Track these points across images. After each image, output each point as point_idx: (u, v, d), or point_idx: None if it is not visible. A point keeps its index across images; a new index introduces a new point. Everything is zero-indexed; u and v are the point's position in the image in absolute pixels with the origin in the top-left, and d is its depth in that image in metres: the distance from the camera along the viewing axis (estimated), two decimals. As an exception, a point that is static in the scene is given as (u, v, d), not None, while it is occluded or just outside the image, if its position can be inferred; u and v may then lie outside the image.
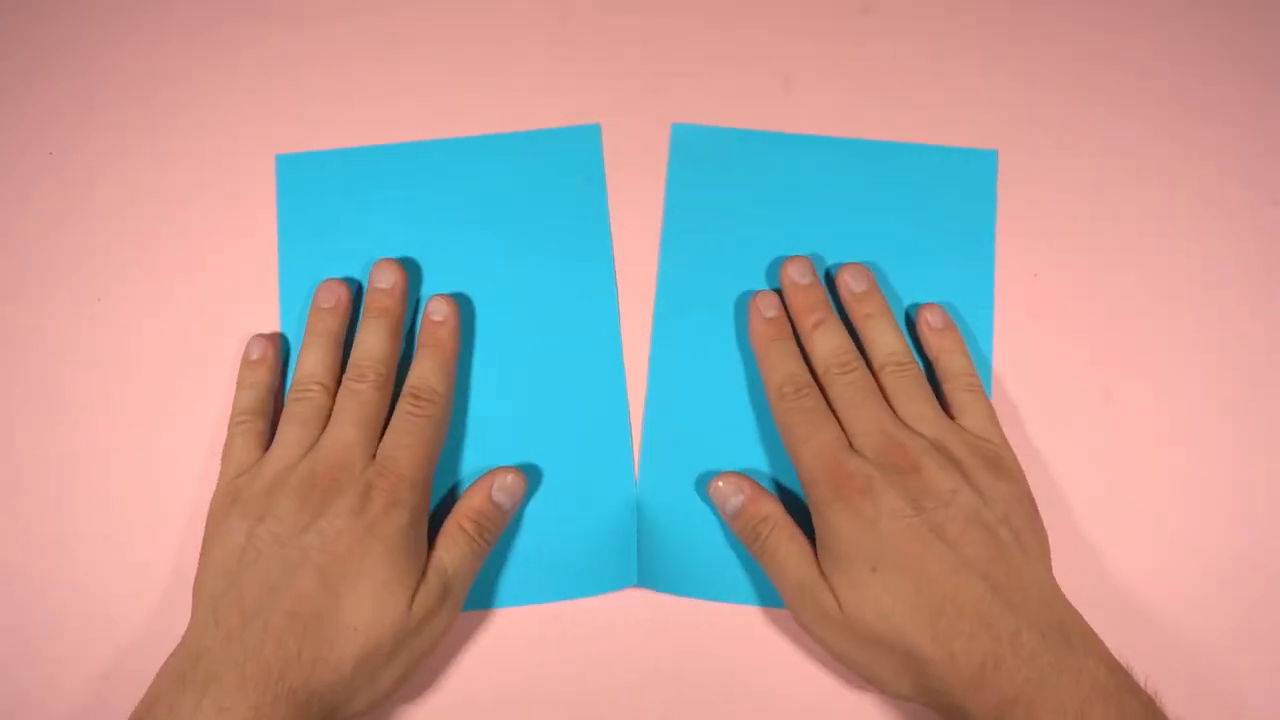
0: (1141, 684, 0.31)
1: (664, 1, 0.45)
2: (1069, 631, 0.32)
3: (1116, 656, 0.32)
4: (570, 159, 0.42)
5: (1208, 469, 0.40)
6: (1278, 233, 0.42)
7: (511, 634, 0.38)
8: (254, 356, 0.39)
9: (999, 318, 0.41)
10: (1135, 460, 0.40)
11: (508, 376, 0.40)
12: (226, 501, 0.36)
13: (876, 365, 0.38)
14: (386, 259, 0.40)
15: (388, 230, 0.41)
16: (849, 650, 0.34)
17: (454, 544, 0.36)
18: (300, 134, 0.43)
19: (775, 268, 0.41)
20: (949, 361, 0.39)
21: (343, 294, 0.40)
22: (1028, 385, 0.40)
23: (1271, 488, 0.39)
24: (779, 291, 0.40)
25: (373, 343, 0.38)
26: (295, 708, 0.31)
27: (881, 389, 0.37)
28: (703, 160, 0.42)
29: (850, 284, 0.39)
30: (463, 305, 0.41)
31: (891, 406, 0.37)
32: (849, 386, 0.37)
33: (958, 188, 0.42)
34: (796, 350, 0.39)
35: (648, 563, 0.38)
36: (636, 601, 0.38)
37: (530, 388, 0.40)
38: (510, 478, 0.37)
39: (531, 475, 0.39)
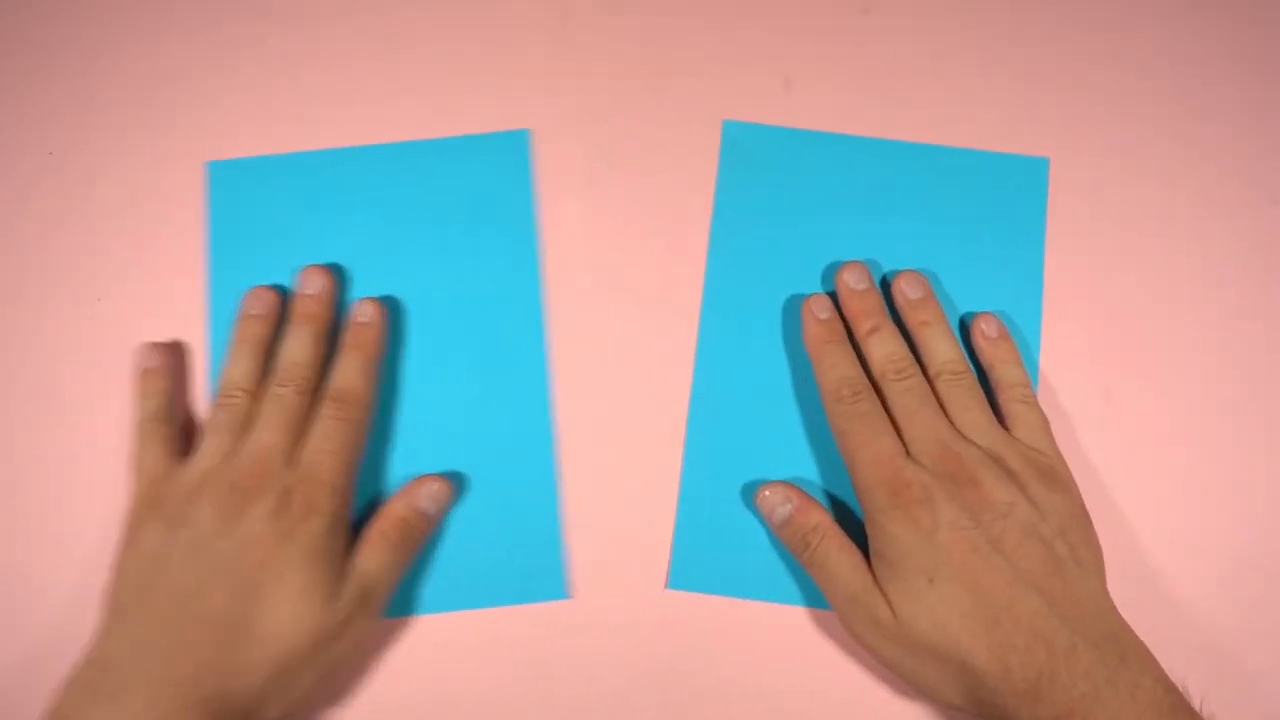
0: (1197, 707, 0.31)
1: (664, 1, 0.45)
2: (1124, 648, 0.32)
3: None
4: (500, 164, 0.42)
5: (1208, 469, 0.40)
6: (1278, 233, 0.42)
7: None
8: (149, 365, 0.39)
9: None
10: (1135, 460, 0.40)
11: (433, 383, 0.40)
12: (144, 508, 0.36)
13: (932, 373, 0.38)
14: (314, 265, 0.40)
15: (318, 236, 0.41)
16: (901, 659, 0.34)
17: (376, 551, 0.36)
18: (301, 134, 0.43)
19: (824, 270, 0.41)
20: (1004, 372, 0.38)
21: (270, 301, 0.39)
22: (1028, 385, 0.40)
23: (1271, 488, 0.39)
24: (832, 295, 0.40)
25: (297, 348, 0.38)
26: (207, 717, 0.31)
27: (936, 397, 0.37)
28: (751, 159, 0.42)
29: (906, 291, 0.39)
30: (390, 311, 0.40)
31: (946, 415, 0.37)
32: (905, 393, 0.37)
33: (1009, 194, 0.42)
34: (852, 353, 0.38)
35: (684, 563, 0.38)
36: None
37: (455, 394, 0.40)
38: (436, 485, 0.37)
39: (456, 482, 0.39)
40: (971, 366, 0.39)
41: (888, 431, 0.36)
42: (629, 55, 0.44)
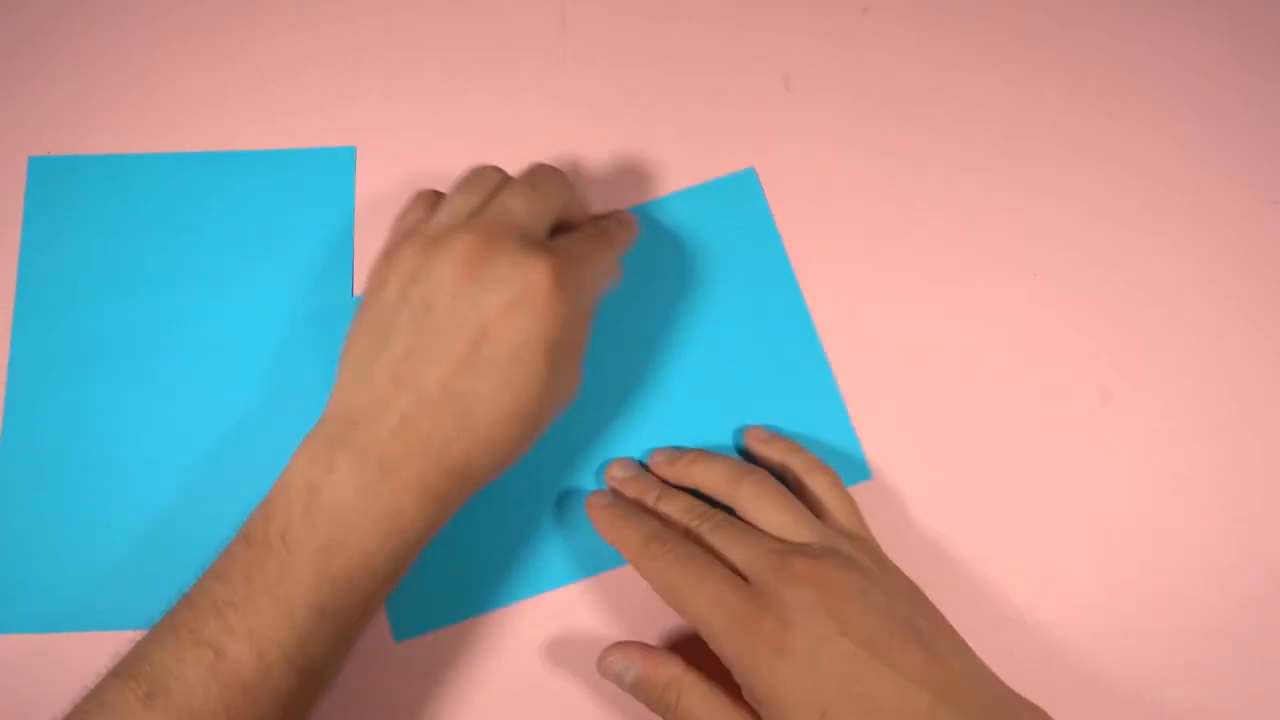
0: None
1: (664, 2, 0.45)
2: (1019, 718, 0.31)
3: (1110, 657, 0.31)
4: (322, 180, 0.42)
5: (1207, 470, 0.40)
6: (1278, 233, 0.42)
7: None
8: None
9: (999, 317, 0.41)
10: (1133, 461, 0.40)
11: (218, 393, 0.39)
12: (384, 262, 0.34)
13: (728, 496, 0.36)
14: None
15: (133, 241, 0.41)
16: None
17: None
18: (303, 133, 0.43)
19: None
20: (793, 460, 0.37)
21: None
22: (1025, 386, 0.40)
23: (1271, 488, 0.39)
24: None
25: (560, 188, 0.36)
26: (454, 479, 0.31)
27: (744, 519, 0.35)
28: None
29: (661, 462, 0.38)
30: (195, 323, 0.40)
31: (762, 528, 0.34)
32: (716, 529, 0.34)
33: (734, 214, 0.42)
34: (647, 515, 0.36)
35: (402, 608, 0.37)
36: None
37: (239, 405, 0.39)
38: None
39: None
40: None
41: (716, 565, 0.33)
42: (629, 56, 0.44)
